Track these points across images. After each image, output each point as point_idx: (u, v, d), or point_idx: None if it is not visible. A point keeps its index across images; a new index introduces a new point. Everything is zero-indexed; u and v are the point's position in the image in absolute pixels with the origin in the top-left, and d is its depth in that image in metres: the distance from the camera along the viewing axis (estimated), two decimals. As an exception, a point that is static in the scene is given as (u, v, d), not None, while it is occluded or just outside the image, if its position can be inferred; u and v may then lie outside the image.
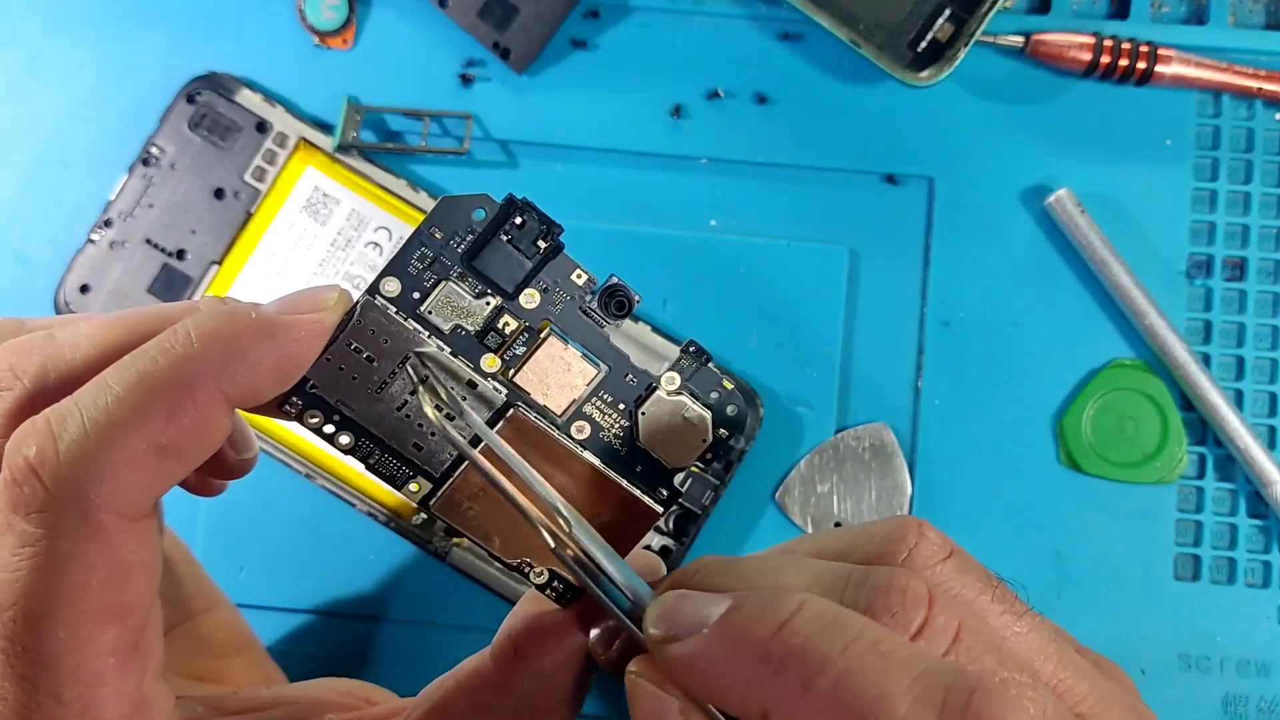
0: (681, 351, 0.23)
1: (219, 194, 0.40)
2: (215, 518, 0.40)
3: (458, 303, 0.22)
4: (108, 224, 0.40)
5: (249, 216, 0.40)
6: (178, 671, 0.28)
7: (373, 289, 0.22)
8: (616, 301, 0.23)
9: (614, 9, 0.42)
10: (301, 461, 0.39)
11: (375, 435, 0.23)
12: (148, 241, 0.40)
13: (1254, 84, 0.41)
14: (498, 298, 0.23)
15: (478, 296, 0.22)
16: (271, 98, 0.41)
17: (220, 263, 0.40)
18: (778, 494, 0.40)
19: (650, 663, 0.21)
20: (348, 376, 0.22)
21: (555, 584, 0.24)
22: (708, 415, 0.23)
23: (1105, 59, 0.40)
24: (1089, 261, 0.40)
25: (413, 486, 0.23)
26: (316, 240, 0.40)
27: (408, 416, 0.23)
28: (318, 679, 0.29)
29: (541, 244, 0.23)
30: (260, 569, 0.40)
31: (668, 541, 0.39)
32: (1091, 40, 0.40)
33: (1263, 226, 0.41)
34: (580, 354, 0.23)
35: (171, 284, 0.40)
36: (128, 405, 0.20)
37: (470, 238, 0.23)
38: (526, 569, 0.24)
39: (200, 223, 0.40)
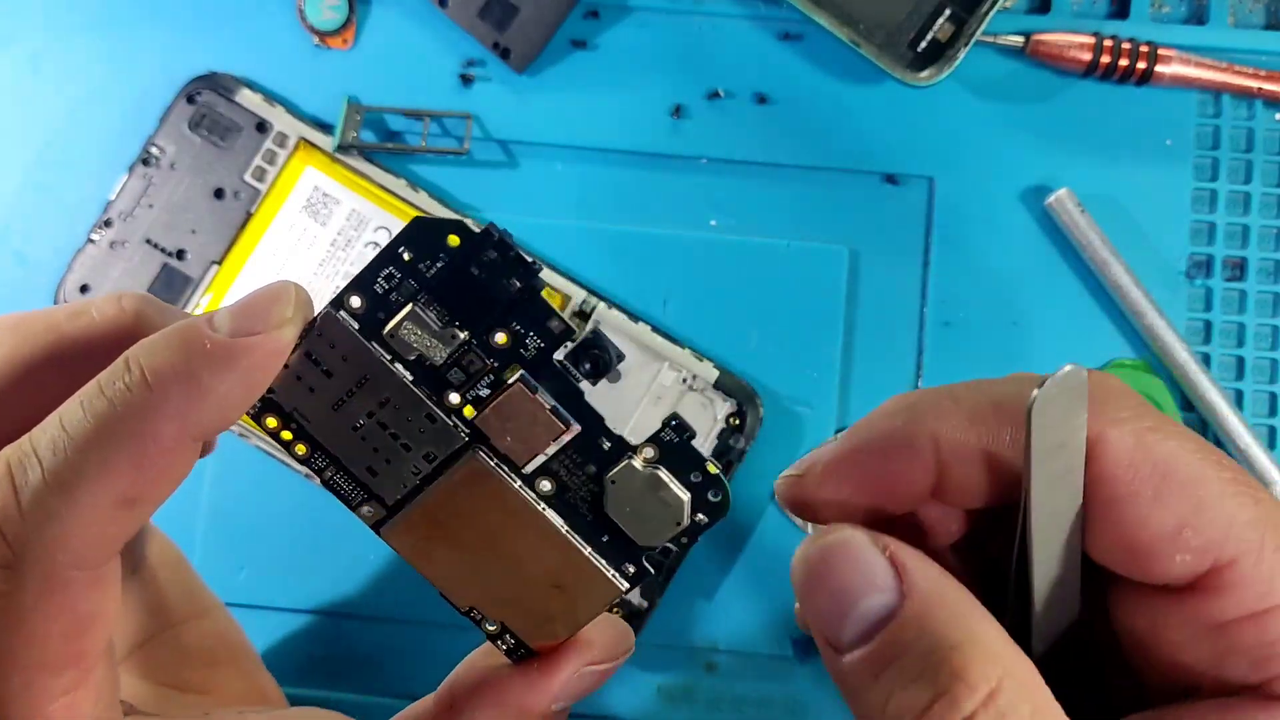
0: (663, 425, 0.21)
1: (219, 194, 0.40)
2: (215, 518, 0.40)
3: (423, 331, 0.21)
4: (108, 224, 0.40)
5: (249, 216, 0.40)
6: (160, 681, 0.28)
7: (336, 302, 0.21)
8: (591, 359, 0.22)
9: (614, 9, 0.42)
10: (301, 461, 0.39)
11: (329, 452, 0.21)
12: (148, 241, 0.40)
13: (1254, 84, 0.41)
14: (465, 332, 0.21)
15: (444, 327, 0.21)
16: (271, 98, 0.41)
17: (220, 263, 0.40)
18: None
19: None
20: (305, 387, 0.21)
21: (508, 636, 0.23)
22: (686, 498, 0.21)
23: (1105, 59, 0.40)
24: (1089, 261, 0.40)
25: (366, 510, 0.22)
26: (316, 240, 0.40)
27: (363, 439, 0.21)
28: (297, 709, 0.29)
29: (516, 283, 0.20)
30: (260, 569, 0.40)
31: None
32: (1091, 40, 0.40)
33: (1263, 226, 0.41)
34: (549, 406, 0.21)
35: (171, 284, 0.40)
36: (91, 460, 0.19)
37: (440, 265, 0.20)
38: (478, 617, 0.22)
39: (200, 223, 0.40)
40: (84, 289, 0.40)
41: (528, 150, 0.42)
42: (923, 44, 0.39)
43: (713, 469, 0.21)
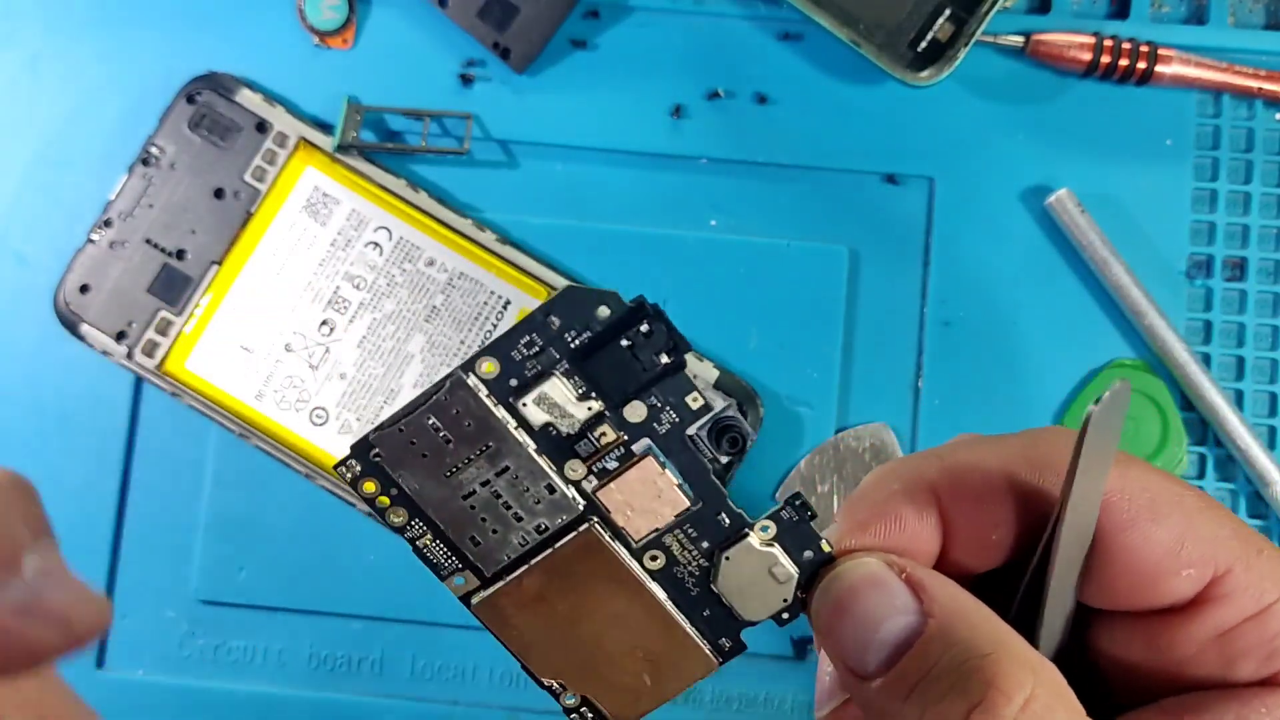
0: (785, 503, 0.22)
1: (219, 194, 0.40)
2: (215, 518, 0.40)
3: (557, 400, 0.21)
4: (108, 224, 0.40)
5: (249, 216, 0.40)
6: None
7: (467, 366, 0.21)
8: (729, 438, 0.21)
9: (614, 9, 0.42)
10: (301, 461, 0.39)
11: (432, 520, 0.21)
12: (148, 241, 0.40)
13: (1254, 84, 0.41)
14: (600, 404, 0.21)
15: (580, 399, 0.21)
16: (271, 98, 0.41)
17: (220, 263, 0.40)
18: (778, 494, 0.40)
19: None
20: (418, 453, 0.21)
21: (584, 710, 0.23)
22: (795, 575, 0.21)
23: (1105, 59, 0.40)
24: (1089, 261, 0.40)
25: (458, 580, 0.22)
26: (316, 240, 0.40)
27: (472, 508, 0.21)
28: None
29: (664, 358, 0.21)
30: (260, 569, 0.40)
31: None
32: (1091, 40, 0.40)
33: (1263, 226, 0.41)
34: (675, 482, 0.21)
35: (171, 284, 0.40)
36: None
37: (588, 335, 0.20)
38: (558, 690, 0.22)
39: (200, 223, 0.40)
40: (84, 289, 0.40)
41: (528, 150, 0.42)
42: (923, 44, 0.39)
43: (826, 548, 0.21)
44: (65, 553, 0.44)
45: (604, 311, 0.20)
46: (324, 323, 0.40)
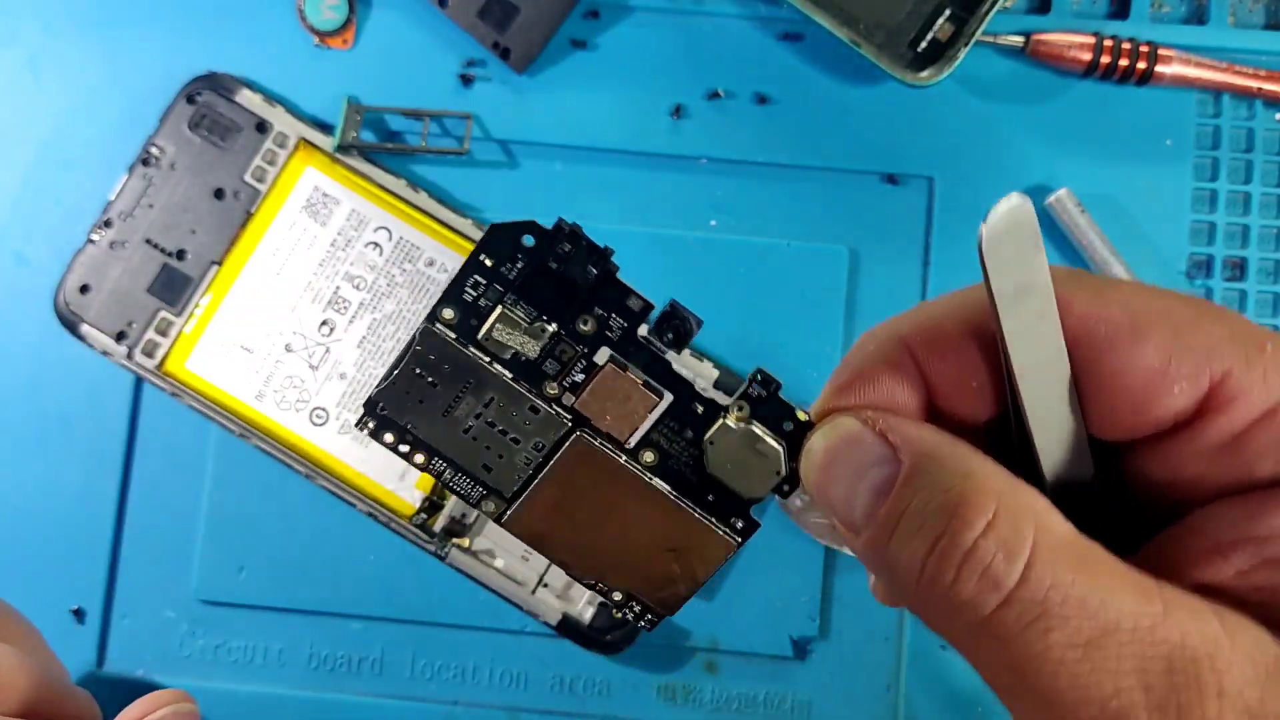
0: (750, 380, 0.22)
1: (219, 194, 0.40)
2: (215, 518, 0.40)
3: (514, 329, 0.22)
4: (108, 224, 0.40)
5: (249, 216, 0.40)
6: None
7: (431, 316, 0.22)
8: (672, 329, 0.22)
9: (614, 9, 0.42)
10: (301, 462, 0.39)
11: (446, 455, 0.23)
12: (148, 241, 0.40)
13: (1254, 84, 0.41)
14: (553, 324, 0.22)
15: (533, 323, 0.22)
16: (271, 98, 0.41)
17: (220, 263, 0.40)
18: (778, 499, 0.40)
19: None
20: (414, 400, 0.22)
21: (632, 604, 0.24)
22: (780, 448, 0.22)
23: (1105, 59, 0.40)
24: (1089, 261, 0.40)
25: (487, 505, 0.23)
26: (316, 240, 0.40)
27: (474, 439, 0.23)
28: None
29: (593, 270, 0.22)
30: (260, 569, 0.40)
31: (668, 541, 0.39)
32: (1091, 40, 0.40)
33: (1263, 226, 0.41)
34: (640, 381, 0.22)
35: (171, 284, 0.40)
36: None
37: (520, 265, 0.22)
38: (603, 589, 0.24)
39: (200, 223, 0.40)
40: (84, 289, 0.40)
41: (528, 150, 0.42)
42: (923, 44, 0.39)
43: (803, 416, 0.22)
44: (65, 554, 0.44)
45: (529, 240, 0.22)
46: (324, 323, 0.40)
